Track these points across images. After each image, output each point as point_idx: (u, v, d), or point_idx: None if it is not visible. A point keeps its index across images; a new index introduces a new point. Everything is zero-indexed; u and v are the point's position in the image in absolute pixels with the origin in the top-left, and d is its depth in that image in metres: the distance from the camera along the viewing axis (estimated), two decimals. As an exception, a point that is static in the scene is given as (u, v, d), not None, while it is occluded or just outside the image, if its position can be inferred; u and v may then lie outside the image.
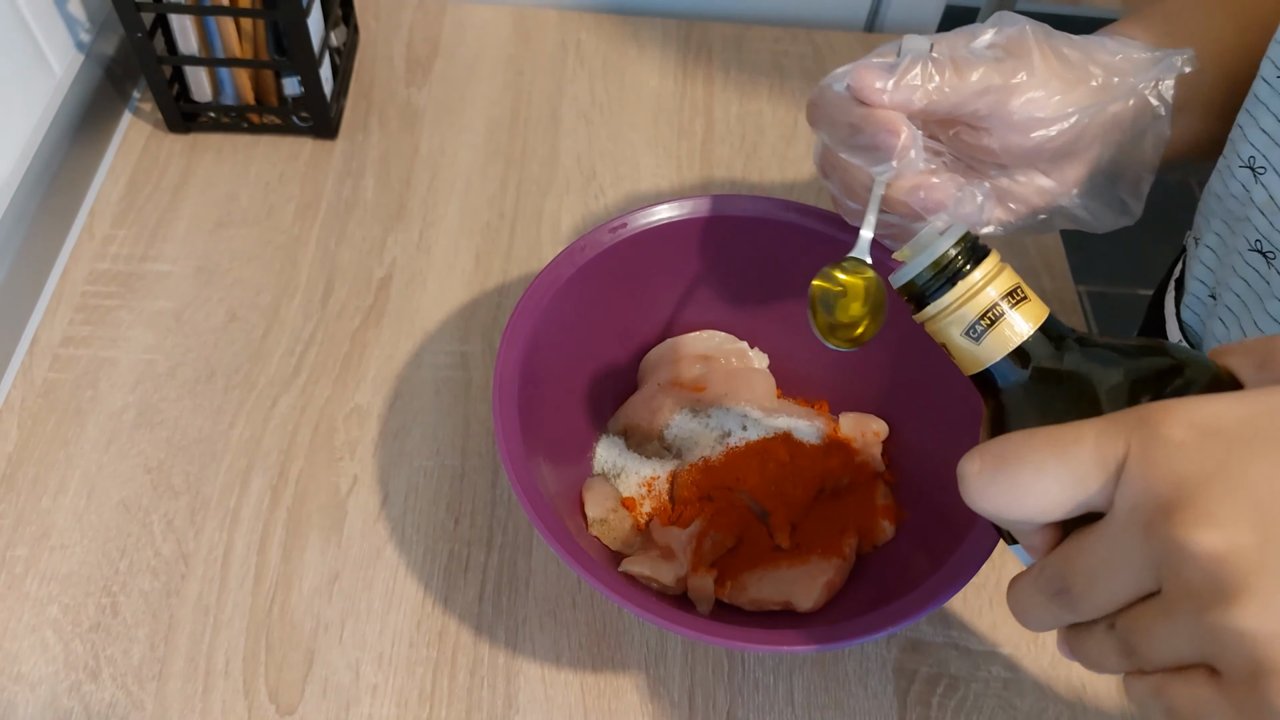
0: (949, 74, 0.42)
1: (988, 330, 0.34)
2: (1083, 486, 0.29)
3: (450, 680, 0.54)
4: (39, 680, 0.53)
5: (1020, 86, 0.42)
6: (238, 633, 0.55)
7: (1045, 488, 0.30)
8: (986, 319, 0.34)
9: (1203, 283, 0.56)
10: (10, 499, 0.59)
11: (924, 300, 0.36)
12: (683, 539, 0.53)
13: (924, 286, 0.36)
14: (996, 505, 0.31)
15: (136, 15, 0.69)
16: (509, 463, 0.47)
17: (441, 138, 0.79)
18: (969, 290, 0.35)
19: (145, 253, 0.70)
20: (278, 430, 0.63)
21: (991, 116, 0.43)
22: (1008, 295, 0.35)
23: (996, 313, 0.34)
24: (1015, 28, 0.44)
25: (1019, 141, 0.43)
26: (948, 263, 0.35)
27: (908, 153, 0.42)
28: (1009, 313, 0.34)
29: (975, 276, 0.35)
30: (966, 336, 0.35)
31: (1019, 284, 0.35)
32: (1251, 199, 0.48)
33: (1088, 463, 0.29)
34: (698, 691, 0.55)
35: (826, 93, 0.44)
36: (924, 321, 0.36)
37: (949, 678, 0.56)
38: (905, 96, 0.41)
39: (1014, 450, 0.30)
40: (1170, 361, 0.33)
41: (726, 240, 0.58)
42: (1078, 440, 0.29)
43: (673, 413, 0.59)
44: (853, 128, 0.43)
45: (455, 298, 0.70)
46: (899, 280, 0.37)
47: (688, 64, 0.86)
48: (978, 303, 0.34)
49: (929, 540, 0.52)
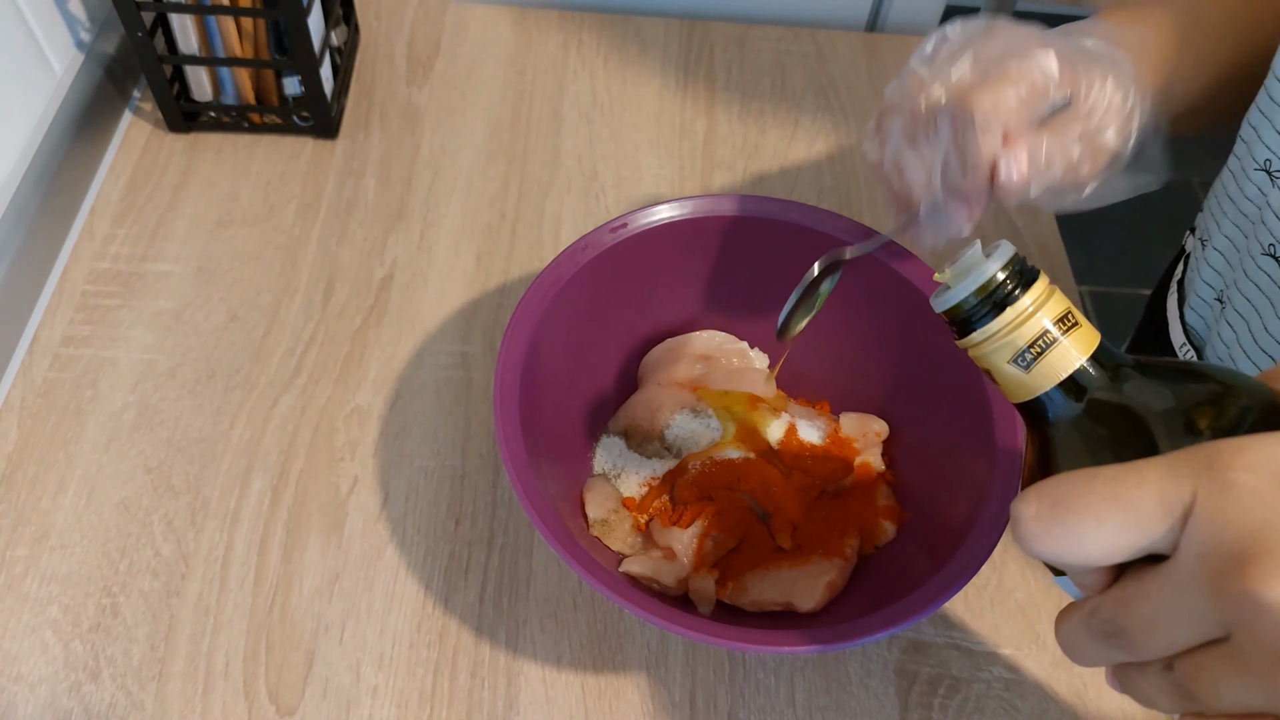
0: None
1: (1038, 359, 0.32)
2: (1145, 533, 0.28)
3: (451, 681, 0.54)
4: (39, 680, 0.53)
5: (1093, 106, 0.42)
6: (238, 633, 0.55)
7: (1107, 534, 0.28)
8: (1036, 347, 0.32)
9: (1210, 285, 0.56)
10: (10, 499, 0.59)
11: (969, 326, 0.33)
12: (684, 540, 0.53)
13: (969, 312, 0.33)
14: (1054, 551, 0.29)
15: (137, 14, 0.69)
16: (510, 463, 0.47)
17: (443, 137, 0.79)
18: (1018, 317, 0.32)
19: (146, 252, 0.70)
20: (278, 430, 0.63)
21: None
22: (1059, 321, 0.32)
23: (1047, 340, 0.32)
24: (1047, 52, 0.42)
25: None
26: (996, 287, 0.33)
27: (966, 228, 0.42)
28: (1060, 340, 0.32)
29: (1025, 302, 0.32)
30: (1014, 364, 0.33)
31: (1070, 309, 0.33)
32: (1268, 202, 0.48)
33: (1152, 508, 0.27)
34: (699, 692, 0.55)
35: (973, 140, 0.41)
36: (968, 348, 0.34)
37: (950, 679, 0.56)
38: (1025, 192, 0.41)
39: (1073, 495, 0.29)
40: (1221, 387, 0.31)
41: (727, 240, 0.58)
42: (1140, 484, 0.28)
43: (673, 413, 0.58)
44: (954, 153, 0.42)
45: (456, 298, 0.70)
46: (941, 305, 0.34)
47: (689, 64, 0.86)
48: (1027, 330, 0.32)
49: (930, 541, 0.52)
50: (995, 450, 0.50)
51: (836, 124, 0.82)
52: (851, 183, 0.79)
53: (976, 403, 0.52)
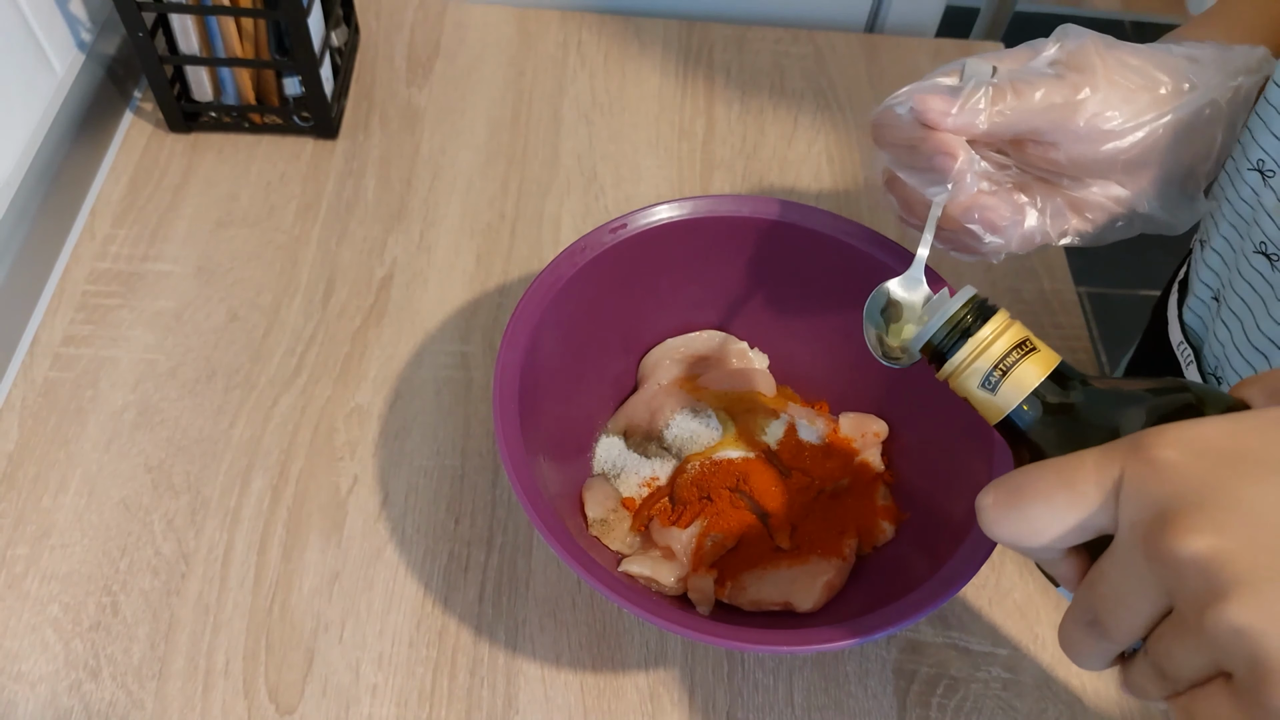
0: (1010, 97, 0.42)
1: (1001, 380, 0.37)
2: (1085, 509, 0.31)
3: (450, 680, 0.54)
4: (39, 679, 0.53)
5: (1085, 102, 0.43)
6: (238, 632, 0.55)
7: (1052, 514, 0.32)
8: (999, 369, 0.37)
9: (1207, 285, 0.56)
10: (11, 498, 0.59)
11: (943, 358, 0.39)
12: (683, 539, 0.53)
13: (940, 345, 0.39)
14: (1013, 535, 0.33)
15: (138, 15, 0.69)
16: (509, 463, 0.47)
17: (442, 138, 0.79)
18: (980, 344, 0.38)
19: (146, 252, 0.70)
20: (278, 430, 0.63)
21: (1056, 132, 0.43)
22: (1017, 347, 0.37)
23: (1008, 363, 0.37)
24: (1077, 42, 0.44)
25: (1089, 153, 0.44)
26: (958, 321, 0.38)
27: (964, 176, 0.43)
28: (1020, 362, 0.37)
29: (985, 332, 0.38)
30: (983, 388, 0.38)
31: (1028, 337, 0.38)
32: (1260, 202, 0.48)
33: (1089, 487, 0.31)
34: (698, 692, 0.55)
35: (890, 114, 0.45)
36: (946, 379, 0.39)
37: (949, 678, 0.56)
38: (968, 120, 0.42)
39: (1023, 482, 0.32)
40: (1189, 398, 0.34)
41: (727, 240, 0.58)
42: (1079, 467, 0.31)
43: (673, 413, 0.59)
44: (912, 149, 0.44)
45: (456, 298, 0.70)
46: (918, 343, 0.40)
47: (689, 64, 0.86)
48: (990, 355, 0.37)
49: (929, 541, 0.52)
50: (994, 450, 0.50)
51: (835, 125, 0.83)
52: (851, 183, 0.79)
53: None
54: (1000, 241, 0.46)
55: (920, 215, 0.47)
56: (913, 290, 0.47)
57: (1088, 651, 0.33)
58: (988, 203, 0.45)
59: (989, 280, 0.73)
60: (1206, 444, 0.29)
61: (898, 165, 0.46)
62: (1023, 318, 0.74)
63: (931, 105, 0.42)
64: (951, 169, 0.43)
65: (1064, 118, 0.43)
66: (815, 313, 0.60)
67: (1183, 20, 2.44)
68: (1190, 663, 0.29)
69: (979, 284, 0.72)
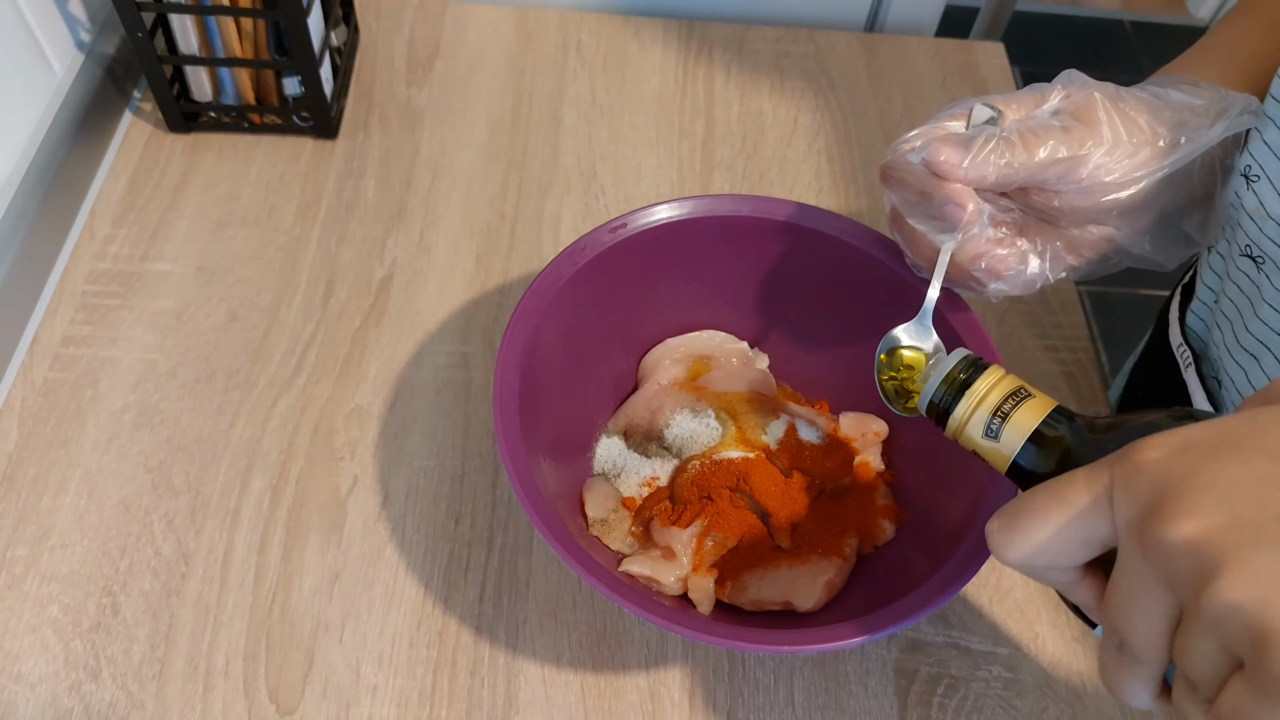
0: (1019, 150, 0.43)
1: (1002, 425, 0.40)
2: (1082, 520, 0.32)
3: (450, 680, 0.54)
4: (39, 680, 0.53)
5: (1089, 156, 0.44)
6: (238, 633, 0.55)
7: (1052, 529, 0.33)
8: (998, 415, 0.40)
9: (1209, 288, 0.56)
10: (10, 499, 0.59)
11: (944, 417, 0.41)
12: (683, 539, 0.53)
13: (941, 403, 0.41)
14: (1018, 555, 0.34)
15: (137, 15, 0.69)
16: (509, 463, 0.47)
17: (442, 138, 0.79)
18: (977, 396, 0.40)
19: (146, 253, 0.70)
20: (278, 430, 0.63)
21: (1061, 183, 0.44)
22: (1011, 395, 0.40)
23: (1006, 409, 0.40)
24: (1083, 93, 0.45)
25: (1089, 202, 0.45)
26: (953, 379, 0.41)
27: (972, 227, 0.45)
28: (1018, 408, 0.40)
29: (979, 385, 0.41)
30: (987, 438, 0.40)
31: (1022, 385, 0.41)
32: (1243, 205, 0.49)
33: (1081, 497, 0.32)
34: (698, 691, 0.55)
35: (901, 159, 0.46)
36: (953, 436, 0.42)
37: (949, 678, 0.56)
38: (978, 173, 0.43)
39: (1021, 504, 0.34)
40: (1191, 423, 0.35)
41: (726, 241, 0.58)
42: (1070, 482, 0.33)
43: (673, 413, 0.58)
44: (924, 196, 0.45)
45: (456, 298, 0.70)
46: (922, 404, 0.43)
47: (689, 64, 0.86)
48: (987, 404, 0.40)
49: (929, 540, 0.52)
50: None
51: (835, 124, 0.83)
52: (850, 182, 0.79)
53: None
54: (1004, 287, 0.48)
55: (925, 256, 0.48)
56: (922, 339, 0.50)
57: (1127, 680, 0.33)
58: (995, 252, 0.46)
59: (989, 280, 0.73)
60: (1187, 441, 0.30)
61: (907, 210, 0.47)
62: (1023, 318, 0.74)
63: (944, 157, 0.43)
64: (961, 219, 0.44)
65: (1068, 170, 0.44)
66: (815, 312, 0.61)
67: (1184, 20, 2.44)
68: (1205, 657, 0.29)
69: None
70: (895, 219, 0.50)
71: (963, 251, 0.46)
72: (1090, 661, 0.56)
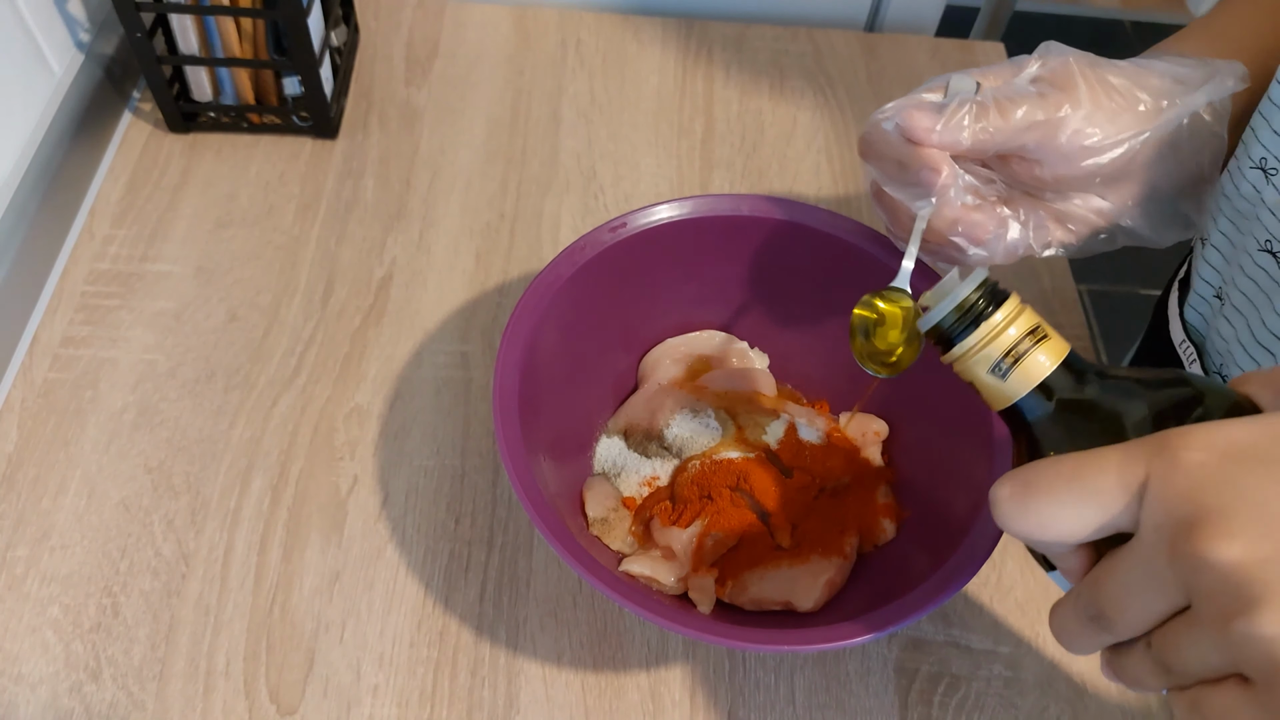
0: (994, 114, 0.43)
1: (1012, 367, 0.36)
2: (1107, 510, 0.31)
3: (451, 680, 0.54)
4: (40, 680, 0.53)
5: (1066, 120, 0.43)
6: (238, 633, 0.55)
7: (1072, 511, 0.31)
8: (1010, 357, 0.36)
9: (1208, 282, 0.56)
10: (10, 499, 0.59)
11: (950, 342, 0.38)
12: (683, 539, 0.53)
13: (949, 329, 0.38)
14: (1028, 529, 0.32)
15: (136, 15, 0.69)
16: (509, 462, 0.47)
17: (441, 137, 0.79)
18: (992, 331, 0.37)
19: (145, 253, 0.70)
20: (278, 430, 0.63)
21: (1040, 149, 0.44)
22: (1029, 334, 0.36)
23: (1020, 351, 0.36)
24: (1059, 59, 0.45)
25: (1070, 169, 0.45)
26: (970, 306, 0.37)
27: (947, 191, 0.44)
28: (1031, 350, 0.36)
29: (997, 318, 0.37)
30: (992, 374, 0.37)
31: (1040, 323, 0.37)
32: (1262, 199, 0.48)
33: (1111, 487, 0.31)
34: (698, 691, 0.55)
35: (877, 129, 0.45)
36: (951, 362, 0.38)
37: (950, 677, 0.56)
38: (952, 137, 0.43)
39: (1041, 476, 0.32)
40: (1191, 391, 0.34)
41: (726, 240, 0.58)
42: (1101, 467, 0.31)
43: (673, 413, 0.58)
44: (899, 164, 0.45)
45: (455, 298, 0.70)
46: (926, 324, 0.39)
47: (688, 63, 0.86)
48: (1001, 342, 0.37)
49: (929, 539, 0.52)
50: (994, 449, 0.50)
51: (835, 123, 0.83)
52: (850, 181, 0.79)
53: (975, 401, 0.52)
54: (984, 254, 0.47)
55: (906, 228, 0.48)
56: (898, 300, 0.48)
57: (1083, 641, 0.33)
58: (972, 217, 0.46)
59: (989, 278, 0.73)
60: (1234, 447, 0.29)
61: (885, 180, 0.47)
62: (1023, 316, 0.74)
63: (916, 122, 0.43)
64: (936, 184, 0.44)
65: (1046, 135, 0.44)
66: (815, 312, 0.60)
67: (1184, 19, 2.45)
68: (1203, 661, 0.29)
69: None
70: (876, 192, 0.49)
71: (940, 218, 0.46)
72: (1092, 660, 0.56)
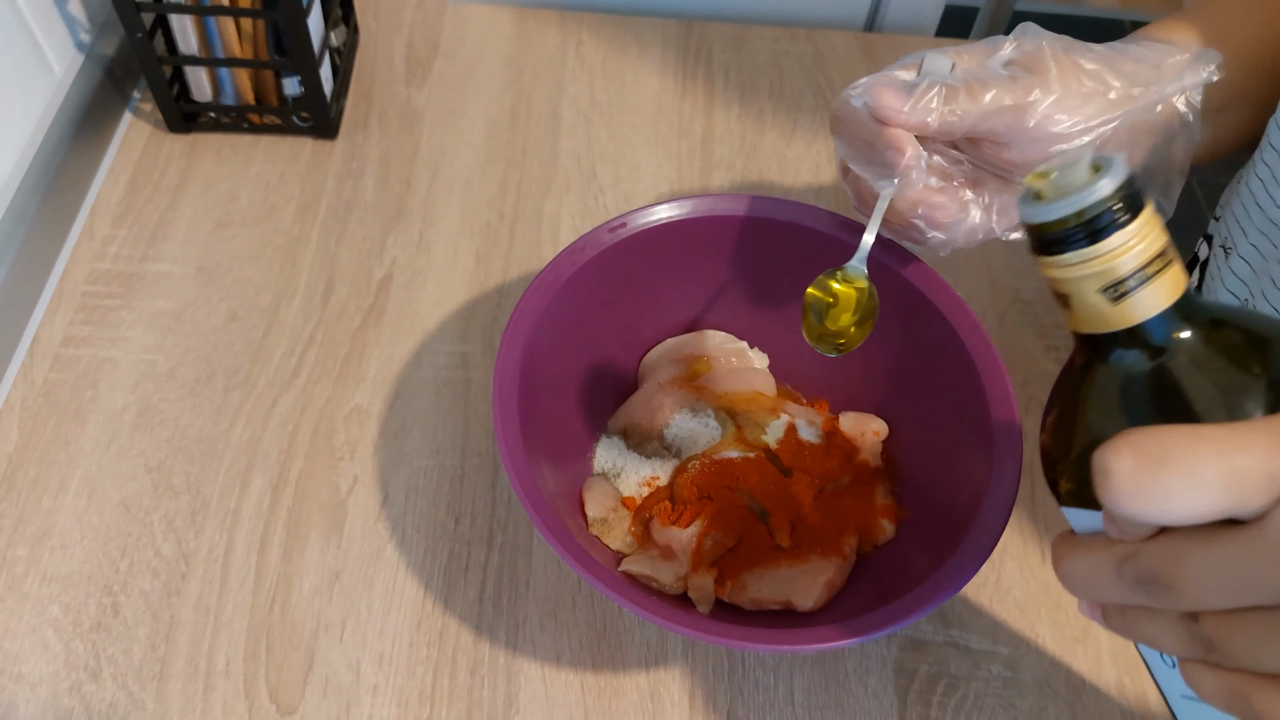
0: (963, 97, 0.43)
1: (1128, 294, 0.29)
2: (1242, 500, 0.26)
3: (451, 680, 0.54)
4: (40, 680, 0.53)
5: (1035, 104, 0.43)
6: (238, 633, 0.55)
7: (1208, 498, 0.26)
8: (1132, 280, 0.29)
9: (1234, 294, 0.55)
10: (11, 499, 0.59)
11: (1060, 247, 0.30)
12: (683, 539, 0.53)
13: (1066, 233, 0.29)
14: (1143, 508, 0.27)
15: (137, 15, 0.69)
16: (509, 462, 0.47)
17: (441, 138, 0.79)
18: (1120, 247, 0.29)
19: (145, 253, 0.70)
20: (278, 430, 0.63)
21: (1008, 133, 0.44)
22: (1158, 257, 0.29)
23: (1144, 275, 0.29)
24: (1033, 43, 0.45)
25: (1039, 154, 0.44)
26: (1103, 211, 0.29)
27: (910, 172, 0.44)
28: (1154, 278, 0.29)
29: (1130, 230, 0.29)
30: (1103, 294, 0.30)
31: (1168, 244, 0.30)
32: None
33: (1258, 476, 0.26)
34: (698, 691, 0.55)
35: (846, 105, 0.45)
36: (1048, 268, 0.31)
37: (949, 677, 0.56)
38: (919, 119, 0.43)
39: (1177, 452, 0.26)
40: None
41: (726, 240, 0.58)
42: (1249, 450, 0.26)
43: (673, 413, 0.59)
44: (865, 142, 0.45)
45: (455, 298, 0.70)
46: (1035, 217, 0.30)
47: (688, 64, 0.86)
48: (1126, 262, 0.29)
49: (929, 539, 0.52)
50: (994, 448, 0.50)
51: (835, 124, 0.83)
52: (850, 182, 0.79)
53: (975, 401, 0.52)
54: (944, 237, 0.47)
55: (871, 205, 0.48)
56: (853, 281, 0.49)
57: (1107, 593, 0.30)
58: (933, 199, 0.45)
59: (989, 277, 0.73)
60: None
61: (851, 157, 0.46)
62: (1023, 318, 0.74)
63: (885, 101, 0.43)
64: (899, 165, 0.44)
65: (1015, 119, 0.43)
66: (815, 312, 0.61)
67: (1181, 19, 2.43)
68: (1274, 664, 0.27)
69: (979, 278, 0.72)
70: (843, 169, 0.49)
71: (902, 198, 0.46)
72: (1091, 661, 0.56)
